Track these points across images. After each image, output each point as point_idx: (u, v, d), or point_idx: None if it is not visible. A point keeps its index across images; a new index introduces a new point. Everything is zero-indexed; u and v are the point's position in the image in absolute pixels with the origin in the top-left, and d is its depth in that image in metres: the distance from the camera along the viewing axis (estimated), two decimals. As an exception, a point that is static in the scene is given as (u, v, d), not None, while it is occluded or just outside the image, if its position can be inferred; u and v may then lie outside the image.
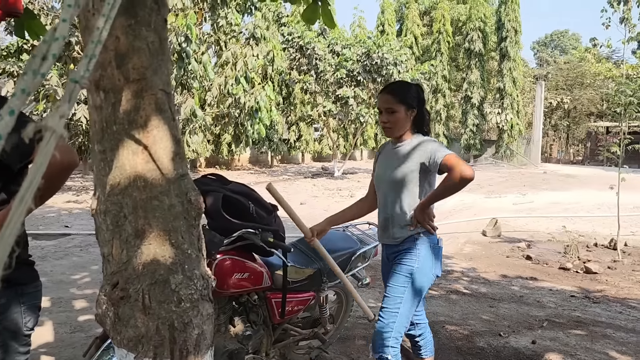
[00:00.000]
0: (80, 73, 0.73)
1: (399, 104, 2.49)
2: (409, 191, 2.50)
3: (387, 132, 2.59)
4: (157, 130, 1.23)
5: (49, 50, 0.70)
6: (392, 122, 2.51)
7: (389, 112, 2.51)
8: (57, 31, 0.74)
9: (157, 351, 1.15)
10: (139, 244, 1.20)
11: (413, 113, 2.53)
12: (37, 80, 0.66)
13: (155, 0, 1.27)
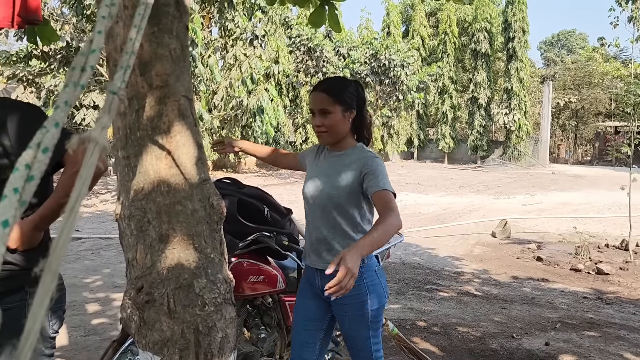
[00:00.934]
0: (117, 84, 0.75)
1: (335, 104, 2.08)
2: (348, 213, 2.08)
3: (321, 139, 2.17)
4: (180, 135, 1.24)
5: (87, 63, 0.71)
6: (328, 125, 2.09)
7: (323, 113, 2.09)
8: (93, 43, 0.75)
9: (183, 354, 1.17)
10: (163, 248, 1.21)
11: (352, 115, 2.13)
12: (77, 92, 0.67)
13: (177, 8, 1.29)
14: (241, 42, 15.35)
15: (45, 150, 0.57)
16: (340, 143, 2.17)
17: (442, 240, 7.87)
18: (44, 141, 0.58)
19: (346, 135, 2.16)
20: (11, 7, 1.62)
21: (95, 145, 0.64)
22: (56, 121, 0.61)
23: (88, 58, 0.74)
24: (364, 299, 2.11)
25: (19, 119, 1.62)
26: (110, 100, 0.73)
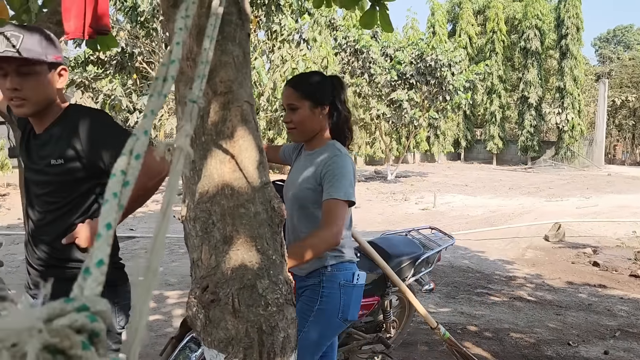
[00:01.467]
0: (195, 93, 0.78)
1: (303, 99, 1.99)
2: (313, 215, 1.99)
3: (291, 136, 2.09)
4: (242, 140, 1.28)
5: (168, 73, 0.75)
6: (296, 122, 2.01)
7: (291, 109, 2.02)
8: (172, 54, 0.79)
9: (247, 353, 1.20)
10: (227, 249, 1.25)
11: (324, 111, 2.02)
12: (161, 101, 0.71)
13: (240, 16, 1.32)
14: (288, 44, 15.52)
15: (137, 157, 0.60)
16: (312, 141, 2.08)
17: (491, 244, 7.70)
18: (136, 148, 0.62)
19: (319, 132, 2.05)
20: (82, 18, 1.71)
21: (180, 152, 0.68)
22: (145, 129, 0.64)
23: (169, 68, 0.78)
24: (312, 307, 2.01)
25: (90, 124, 1.71)
26: (191, 108, 0.76)
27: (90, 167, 1.71)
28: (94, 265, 0.51)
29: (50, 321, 0.42)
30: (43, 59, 1.63)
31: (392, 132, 22.14)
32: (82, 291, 0.49)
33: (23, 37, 1.59)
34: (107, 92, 14.56)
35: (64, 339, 0.41)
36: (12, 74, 1.60)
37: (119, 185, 0.58)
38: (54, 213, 1.77)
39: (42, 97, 1.67)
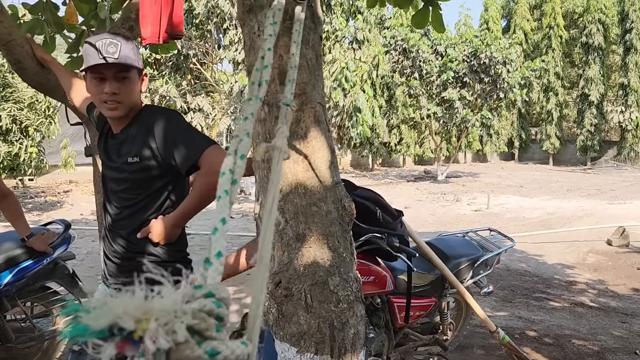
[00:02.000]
0: (288, 97, 0.83)
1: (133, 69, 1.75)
2: None
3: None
4: (315, 140, 1.32)
5: (262, 77, 0.79)
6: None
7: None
8: (264, 60, 0.83)
9: (319, 347, 1.24)
10: (300, 246, 1.29)
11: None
12: (258, 104, 0.75)
13: (312, 19, 1.36)
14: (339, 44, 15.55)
15: (242, 157, 0.65)
16: None
17: (549, 247, 7.46)
18: (240, 149, 0.66)
19: None
20: (158, 25, 1.80)
21: (279, 152, 0.72)
22: (247, 131, 0.69)
23: (262, 73, 0.83)
24: None
25: (163, 124, 1.78)
26: (285, 111, 0.81)
27: (164, 165, 1.79)
28: (213, 256, 0.55)
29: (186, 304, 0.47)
30: (136, 65, 1.73)
31: (442, 132, 21.78)
32: (205, 280, 0.53)
33: (121, 45, 1.69)
34: (162, 92, 15.05)
35: (202, 321, 0.45)
36: (111, 79, 1.71)
37: (228, 183, 0.62)
38: (129, 209, 1.87)
39: (133, 100, 1.78)
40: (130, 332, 0.42)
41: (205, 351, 0.45)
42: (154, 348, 0.41)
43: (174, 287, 0.47)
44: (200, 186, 1.74)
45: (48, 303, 3.12)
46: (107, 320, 0.42)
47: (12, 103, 9.07)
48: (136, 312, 0.42)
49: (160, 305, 0.42)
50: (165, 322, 0.41)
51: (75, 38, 3.08)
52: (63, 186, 15.22)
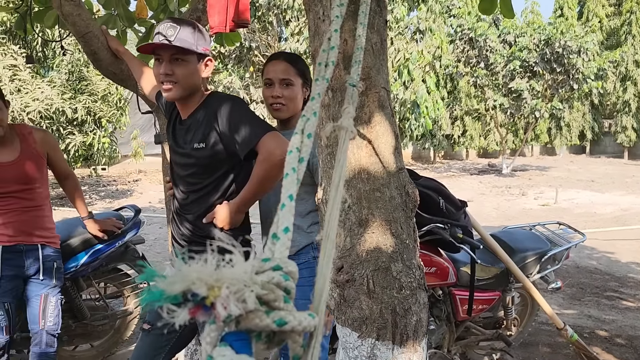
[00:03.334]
0: (354, 78, 0.82)
1: (298, 76, 2.04)
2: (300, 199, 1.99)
3: (276, 112, 2.10)
4: (379, 125, 1.30)
5: (329, 58, 0.79)
6: (288, 98, 2.05)
7: (286, 84, 2.05)
8: (331, 41, 0.83)
9: (380, 333, 1.23)
10: (362, 232, 1.28)
11: (307, 92, 2.09)
12: (325, 84, 0.75)
13: (378, 3, 1.34)
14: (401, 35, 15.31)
15: (309, 136, 0.65)
16: (291, 121, 2.11)
17: (623, 244, 7.05)
18: (307, 128, 0.66)
19: (298, 113, 2.06)
20: (225, 13, 1.84)
21: (346, 132, 0.72)
22: (314, 110, 0.69)
23: (329, 54, 0.82)
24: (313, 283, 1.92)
25: (227, 110, 1.82)
26: (351, 92, 0.80)
27: (227, 151, 1.83)
28: (280, 231, 0.56)
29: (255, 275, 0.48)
30: (193, 49, 1.78)
31: (508, 123, 21.03)
32: (272, 254, 0.54)
33: (179, 29, 1.75)
34: (226, 84, 15.39)
35: (270, 292, 0.45)
36: (167, 60, 1.78)
37: (295, 160, 0.63)
38: (196, 193, 1.93)
39: (189, 82, 1.83)
40: (203, 298, 0.43)
41: (274, 320, 0.45)
42: (225, 314, 0.42)
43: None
44: (257, 172, 1.77)
45: (120, 284, 3.29)
46: (181, 286, 0.43)
47: (87, 95, 9.59)
48: (209, 279, 0.43)
49: (231, 274, 0.43)
50: (236, 291, 0.42)
51: (145, 31, 3.19)
52: (133, 175, 15.97)
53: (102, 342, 3.30)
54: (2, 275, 2.40)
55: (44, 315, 2.45)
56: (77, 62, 9.78)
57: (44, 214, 2.55)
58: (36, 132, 2.56)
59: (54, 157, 2.63)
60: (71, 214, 8.56)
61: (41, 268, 2.48)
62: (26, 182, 2.44)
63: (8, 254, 2.42)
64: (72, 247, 2.87)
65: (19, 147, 2.45)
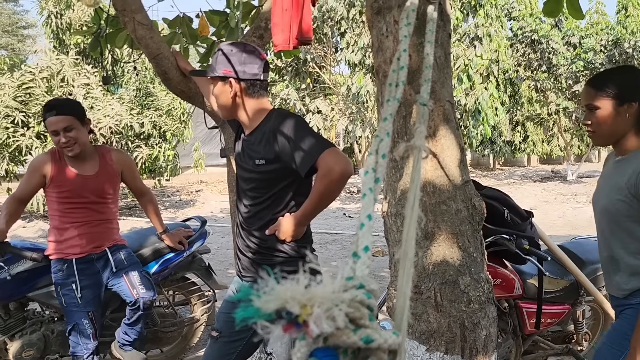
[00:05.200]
0: (424, 97, 0.84)
1: (603, 97, 1.76)
2: (626, 230, 1.75)
3: (593, 140, 1.89)
4: (444, 139, 1.31)
5: (399, 79, 0.82)
6: (594, 124, 1.80)
7: (589, 109, 1.81)
8: (400, 61, 0.85)
9: (449, 347, 1.23)
10: (429, 245, 1.29)
11: (631, 108, 1.75)
12: (396, 105, 0.77)
13: (441, 17, 1.35)
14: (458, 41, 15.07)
15: (383, 156, 0.67)
16: (620, 145, 1.82)
17: None
18: (381, 148, 0.69)
19: (627, 134, 1.79)
20: (289, 31, 1.90)
21: (419, 151, 0.74)
22: (387, 131, 0.71)
23: (399, 74, 0.85)
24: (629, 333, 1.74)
25: (286, 128, 1.87)
26: (422, 111, 0.82)
27: (286, 167, 1.88)
28: (361, 250, 0.58)
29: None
30: (213, 73, 1.89)
31: (573, 128, 20.16)
32: (354, 272, 0.57)
33: (217, 54, 1.89)
34: (283, 96, 15.66)
35: (356, 310, 0.48)
36: None
37: (371, 181, 0.65)
38: (257, 207, 1.99)
39: (221, 102, 1.98)
40: (296, 316, 0.46)
41: (361, 338, 0.48)
42: (317, 332, 0.45)
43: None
44: (318, 187, 1.80)
45: (187, 292, 3.42)
46: (275, 304, 0.46)
47: (153, 110, 10.03)
48: (301, 298, 0.46)
49: (321, 293, 0.46)
50: (326, 309, 0.45)
51: (207, 48, 3.33)
52: (195, 186, 16.50)
53: (171, 348, 3.44)
54: (82, 287, 2.57)
55: (133, 286, 2.65)
56: (144, 79, 10.26)
57: (112, 226, 2.76)
58: (113, 152, 2.79)
59: (129, 175, 2.84)
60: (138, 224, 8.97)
61: (112, 264, 2.67)
62: (101, 195, 2.63)
63: (81, 264, 2.60)
64: (144, 256, 3.02)
65: (98, 164, 2.66)
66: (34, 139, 8.41)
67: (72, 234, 2.58)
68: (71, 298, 2.57)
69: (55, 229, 2.61)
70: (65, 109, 2.52)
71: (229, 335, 2.08)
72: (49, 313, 2.89)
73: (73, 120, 2.51)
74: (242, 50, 1.92)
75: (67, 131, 2.49)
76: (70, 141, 2.49)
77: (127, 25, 2.40)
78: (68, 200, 2.57)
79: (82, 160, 2.62)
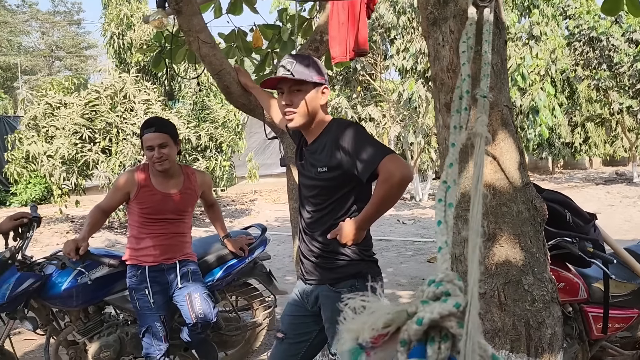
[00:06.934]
0: (484, 89, 0.90)
1: None
2: None
3: None
4: (503, 143, 1.34)
5: (462, 90, 0.88)
6: None
7: None
8: (463, 74, 0.92)
9: (514, 345, 1.26)
10: (491, 246, 1.32)
11: None
12: (464, 116, 0.84)
13: (497, 24, 1.39)
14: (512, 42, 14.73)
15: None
16: None
17: None
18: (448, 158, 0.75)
19: None
20: (345, 44, 1.98)
21: (481, 138, 0.79)
22: (452, 142, 0.77)
23: (462, 86, 0.91)
24: None
25: (347, 136, 1.94)
26: (482, 102, 0.88)
27: (348, 174, 1.95)
28: (437, 251, 0.65)
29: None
30: (309, 80, 1.94)
31: (637, 128, 19.21)
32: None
33: (295, 63, 1.93)
34: (334, 104, 15.80)
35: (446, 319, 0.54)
36: (287, 92, 1.96)
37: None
38: (319, 212, 2.07)
39: (309, 111, 1.99)
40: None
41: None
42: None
43: None
44: (379, 192, 1.87)
45: (250, 297, 3.54)
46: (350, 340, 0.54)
47: (209, 123, 10.38)
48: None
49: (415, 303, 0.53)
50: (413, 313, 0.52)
51: (261, 59, 3.47)
52: (249, 195, 16.85)
53: (235, 352, 3.57)
54: (154, 292, 2.73)
55: (192, 310, 2.76)
56: (200, 93, 10.64)
57: (185, 240, 2.91)
58: (198, 174, 2.99)
59: (207, 192, 3.08)
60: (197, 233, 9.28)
61: (179, 277, 2.80)
62: (179, 213, 2.82)
63: (153, 272, 2.77)
64: (209, 263, 3.16)
65: (182, 184, 2.85)
66: (100, 154, 8.88)
67: (148, 244, 2.76)
68: (145, 302, 2.74)
69: (133, 237, 2.80)
70: (162, 127, 2.74)
71: (293, 336, 2.16)
72: (123, 316, 3.07)
73: (168, 139, 2.71)
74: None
75: (162, 147, 2.68)
76: (163, 157, 2.69)
77: (191, 44, 2.55)
78: (148, 216, 2.76)
79: (168, 177, 2.80)
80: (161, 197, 2.76)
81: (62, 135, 8.69)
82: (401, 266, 6.54)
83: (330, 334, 2.07)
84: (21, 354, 3.42)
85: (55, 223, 10.50)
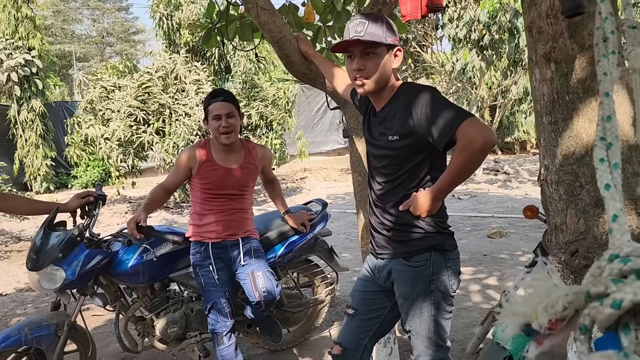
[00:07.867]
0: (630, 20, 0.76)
1: None
2: None
3: None
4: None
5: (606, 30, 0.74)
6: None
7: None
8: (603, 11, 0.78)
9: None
10: (600, 213, 1.18)
11: None
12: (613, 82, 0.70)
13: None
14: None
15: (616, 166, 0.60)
16: None
17: None
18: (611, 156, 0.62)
19: None
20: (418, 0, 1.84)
21: (638, 74, 0.66)
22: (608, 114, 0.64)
23: (605, 25, 0.76)
24: None
25: (420, 101, 1.80)
26: (632, 33, 0.74)
27: (421, 141, 1.81)
28: (610, 220, 0.53)
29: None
30: (382, 42, 1.80)
31: None
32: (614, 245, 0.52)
33: (368, 24, 1.79)
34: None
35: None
36: (358, 56, 1.83)
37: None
38: (390, 183, 1.95)
39: (381, 75, 1.85)
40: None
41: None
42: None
43: None
44: (457, 160, 1.72)
45: (311, 274, 3.49)
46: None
47: (259, 101, 10.38)
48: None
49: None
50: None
51: (313, 34, 3.34)
52: (299, 173, 16.90)
53: (297, 328, 3.54)
54: (218, 268, 2.71)
55: (256, 288, 2.72)
56: (249, 72, 10.62)
57: (247, 216, 2.86)
58: (259, 149, 2.92)
59: (267, 167, 3.01)
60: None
61: (242, 254, 2.76)
62: (240, 188, 2.76)
63: (216, 249, 2.73)
64: (270, 239, 3.12)
65: (243, 158, 2.79)
66: (154, 135, 9.05)
67: (210, 220, 2.73)
68: (209, 279, 2.73)
69: (195, 213, 2.78)
70: (230, 97, 2.71)
71: (364, 312, 2.08)
72: (187, 293, 3.08)
73: (234, 109, 2.68)
74: None
75: (229, 117, 2.65)
76: (230, 127, 2.65)
77: (250, 11, 2.46)
78: (210, 191, 2.72)
79: (229, 152, 2.76)
80: (223, 172, 2.72)
81: (117, 118, 8.89)
82: (460, 242, 6.32)
83: (404, 310, 1.97)
84: (90, 329, 3.51)
85: (114, 204, 10.86)
